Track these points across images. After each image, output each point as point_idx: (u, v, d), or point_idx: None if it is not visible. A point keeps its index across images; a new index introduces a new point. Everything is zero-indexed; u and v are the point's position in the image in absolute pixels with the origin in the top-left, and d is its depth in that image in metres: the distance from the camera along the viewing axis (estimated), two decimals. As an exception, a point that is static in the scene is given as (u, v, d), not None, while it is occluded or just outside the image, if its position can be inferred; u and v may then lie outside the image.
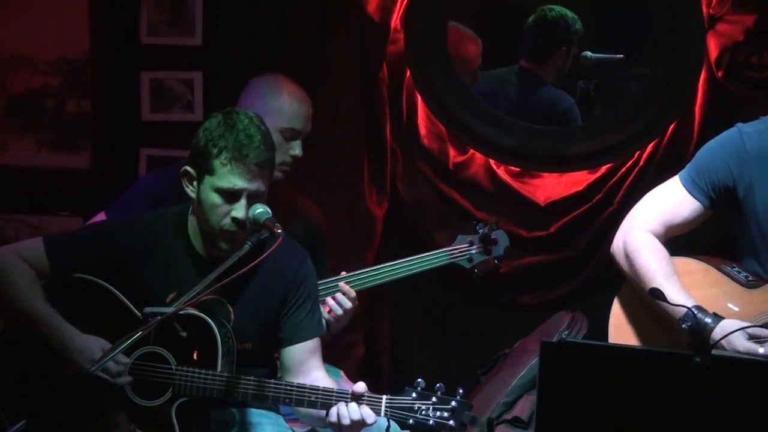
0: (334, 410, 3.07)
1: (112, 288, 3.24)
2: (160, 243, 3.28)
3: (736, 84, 4.59)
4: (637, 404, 2.68)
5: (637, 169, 4.70)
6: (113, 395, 3.16)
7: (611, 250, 3.42)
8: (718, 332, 3.10)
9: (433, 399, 3.03)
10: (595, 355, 2.81)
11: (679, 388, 2.65)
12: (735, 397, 2.61)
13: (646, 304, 3.32)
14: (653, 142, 4.70)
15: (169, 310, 3.10)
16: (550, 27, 4.98)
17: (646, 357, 2.80)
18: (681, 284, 3.23)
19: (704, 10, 4.60)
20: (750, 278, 3.29)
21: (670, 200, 3.38)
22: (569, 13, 4.98)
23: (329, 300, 3.70)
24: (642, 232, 3.35)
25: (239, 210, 3.14)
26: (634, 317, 3.38)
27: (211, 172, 3.15)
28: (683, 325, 3.15)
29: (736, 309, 3.22)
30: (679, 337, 3.18)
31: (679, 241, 3.41)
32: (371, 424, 3.07)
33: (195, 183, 3.21)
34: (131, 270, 3.25)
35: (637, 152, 4.71)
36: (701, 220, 3.37)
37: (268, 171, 3.20)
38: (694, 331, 3.13)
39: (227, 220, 3.16)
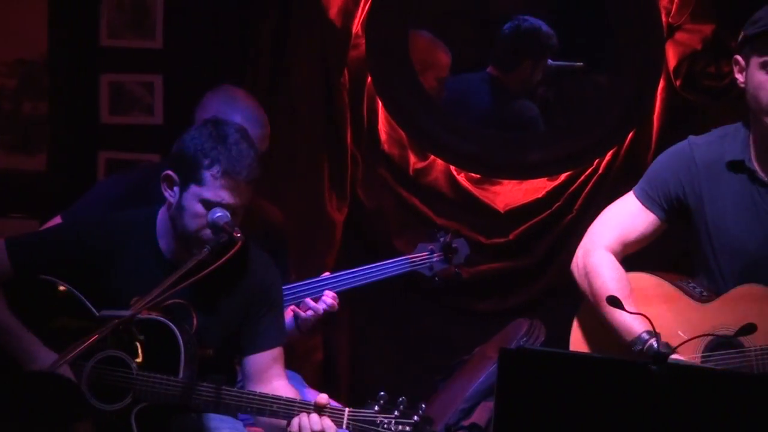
0: (295, 421, 3.06)
1: (74, 290, 3.22)
2: (126, 245, 3.26)
3: (694, 93, 4.63)
4: (594, 412, 2.68)
5: (596, 177, 4.73)
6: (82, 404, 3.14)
7: (571, 268, 3.43)
8: None
9: (396, 413, 3.02)
10: (554, 363, 2.80)
11: (635, 396, 2.65)
12: (691, 405, 2.61)
13: (603, 324, 3.32)
14: (612, 150, 4.72)
15: (127, 313, 3.05)
16: (520, 38, 4.99)
17: (604, 365, 2.80)
18: (633, 305, 3.19)
19: (663, 19, 4.63)
20: (704, 293, 3.30)
21: (626, 215, 3.38)
22: (545, 27, 4.99)
23: (308, 301, 3.71)
24: (601, 251, 3.34)
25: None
26: (591, 337, 3.40)
27: (199, 181, 3.13)
28: (635, 348, 3.17)
29: (687, 326, 3.22)
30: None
31: (639, 259, 3.43)
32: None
33: (176, 188, 3.19)
34: (96, 272, 3.23)
35: (597, 160, 4.74)
36: (657, 234, 3.37)
37: (253, 189, 3.20)
38: (644, 358, 3.13)
39: (207, 231, 3.15)
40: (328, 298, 3.75)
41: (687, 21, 4.61)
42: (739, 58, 3.24)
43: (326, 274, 3.86)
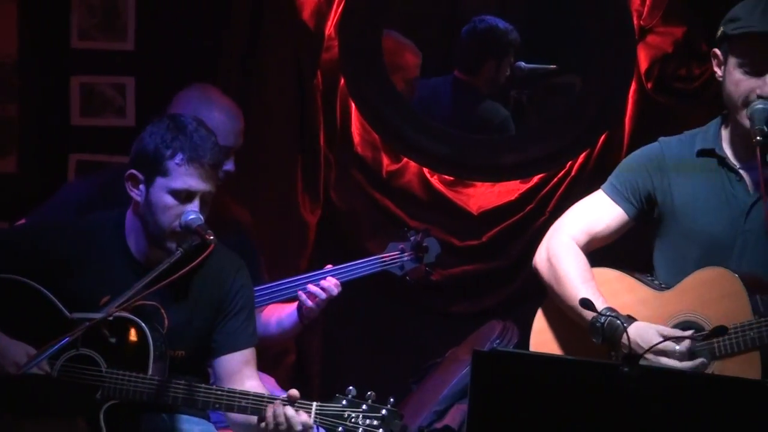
0: (269, 410, 3.06)
1: (43, 290, 3.20)
2: (95, 246, 3.26)
3: (665, 96, 4.65)
4: (567, 413, 2.68)
5: (568, 179, 4.74)
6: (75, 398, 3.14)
7: (533, 261, 3.43)
8: (631, 332, 3.12)
9: (364, 407, 3.03)
10: (526, 365, 2.81)
11: (608, 397, 2.66)
12: (661, 406, 2.63)
13: (566, 315, 3.33)
14: (584, 153, 4.74)
15: (99, 315, 3.07)
16: (480, 39, 5.00)
17: (577, 366, 2.81)
18: (596, 289, 3.25)
19: (635, 21, 4.65)
20: (662, 285, 3.33)
21: (593, 208, 3.40)
22: (502, 23, 5.01)
23: (310, 287, 3.72)
24: (565, 237, 3.37)
25: (194, 209, 3.16)
26: (555, 329, 3.40)
27: (164, 173, 3.15)
28: (596, 324, 3.18)
29: (648, 315, 3.25)
30: (593, 341, 3.20)
31: (602, 260, 3.45)
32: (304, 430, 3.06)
33: (142, 186, 3.20)
34: (65, 272, 3.23)
35: (569, 162, 4.75)
36: (623, 229, 3.38)
37: (218, 174, 3.23)
38: (606, 332, 3.15)
39: (178, 222, 3.16)
40: (332, 285, 3.74)
41: (658, 23, 4.63)
42: (717, 51, 3.25)
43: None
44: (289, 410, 3.04)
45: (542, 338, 3.42)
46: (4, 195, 4.69)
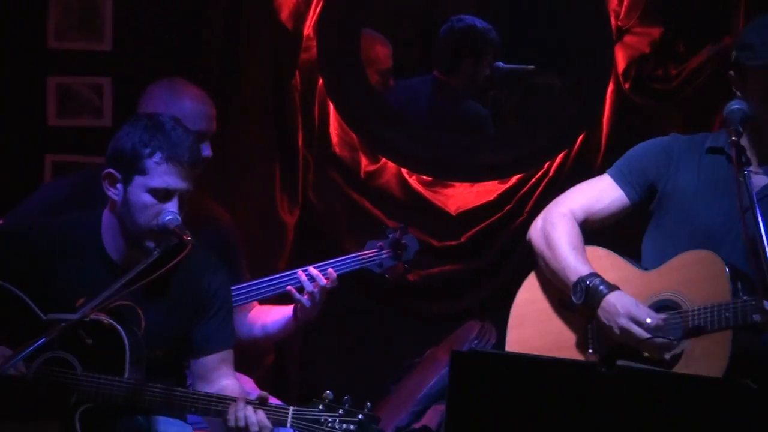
0: (231, 413, 3.05)
1: (17, 291, 3.19)
2: (70, 247, 3.25)
3: (642, 96, 4.66)
4: (545, 413, 2.69)
5: (546, 179, 4.74)
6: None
7: (528, 233, 3.47)
8: (611, 298, 3.19)
9: (340, 411, 3.01)
10: (505, 365, 2.82)
11: (585, 396, 2.67)
12: (639, 405, 2.63)
13: (553, 288, 3.39)
14: (562, 153, 4.74)
15: (75, 316, 3.05)
16: (457, 38, 5.00)
17: (555, 366, 2.82)
18: (585, 257, 3.31)
19: (613, 22, 4.65)
20: (648, 267, 3.38)
21: (595, 188, 3.44)
22: (480, 23, 5.01)
23: (300, 274, 3.70)
24: (564, 209, 3.41)
25: (172, 209, 3.15)
26: (539, 303, 3.45)
27: (142, 172, 3.15)
28: (581, 284, 3.25)
29: (632, 291, 3.29)
30: (573, 300, 3.28)
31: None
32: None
33: (119, 185, 3.19)
34: (40, 273, 3.21)
35: (547, 163, 4.76)
36: (620, 214, 3.41)
37: (196, 172, 3.22)
38: (588, 293, 3.23)
39: (157, 220, 3.15)
40: (331, 275, 3.73)
41: (636, 24, 4.64)
42: (732, 75, 3.28)
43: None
44: (249, 410, 3.04)
45: (524, 310, 3.47)
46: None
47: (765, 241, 2.94)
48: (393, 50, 4.93)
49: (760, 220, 2.98)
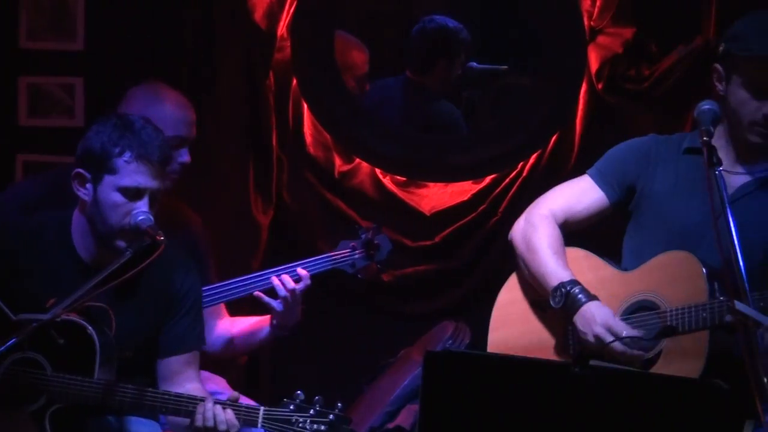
0: (199, 413, 3.05)
1: None
2: (40, 247, 3.24)
3: (615, 96, 4.67)
4: (518, 413, 2.69)
5: (520, 179, 4.75)
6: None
7: (510, 233, 3.47)
8: (589, 307, 3.21)
9: (311, 412, 3.02)
10: (479, 365, 2.82)
11: (558, 396, 2.67)
12: (611, 405, 2.64)
13: (535, 289, 3.39)
14: (536, 153, 4.75)
15: (45, 316, 3.04)
16: (429, 39, 5.01)
17: (528, 366, 2.82)
18: (565, 261, 3.32)
19: (585, 22, 4.66)
20: (627, 268, 3.39)
21: (575, 189, 3.45)
22: (452, 23, 5.01)
23: (273, 279, 3.67)
24: (545, 210, 3.42)
25: (142, 209, 3.15)
26: (520, 303, 3.45)
27: (112, 171, 3.14)
28: (560, 289, 3.26)
29: (610, 292, 3.31)
30: (552, 304, 3.29)
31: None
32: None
33: (89, 185, 3.17)
34: (9, 273, 3.20)
35: (521, 163, 4.76)
36: (600, 214, 3.42)
37: (166, 172, 3.23)
38: (567, 300, 3.25)
39: (128, 220, 3.14)
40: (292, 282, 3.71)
41: (608, 24, 4.65)
42: (719, 67, 3.28)
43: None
44: (217, 409, 3.04)
45: (506, 311, 3.46)
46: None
47: (736, 243, 2.95)
48: (369, 54, 4.92)
49: (731, 221, 2.98)
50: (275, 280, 3.68)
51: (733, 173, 3.30)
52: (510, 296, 3.47)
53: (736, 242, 2.94)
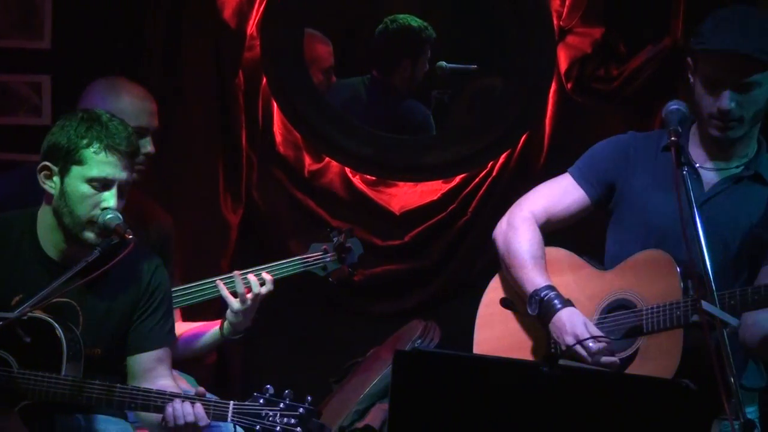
0: (168, 409, 3.05)
1: None
2: (6, 245, 3.22)
3: (584, 96, 4.68)
4: (488, 411, 2.70)
5: (490, 179, 4.75)
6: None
7: (494, 233, 3.51)
8: (563, 314, 3.25)
9: (281, 405, 3.05)
10: (448, 364, 2.82)
11: (528, 396, 2.68)
12: (580, 404, 2.65)
13: (515, 290, 3.43)
14: (506, 153, 4.76)
15: (12, 315, 3.03)
16: (393, 39, 5.01)
17: (497, 366, 2.83)
18: (545, 268, 3.36)
19: (555, 22, 4.67)
20: (606, 267, 3.43)
21: (556, 188, 3.49)
22: (415, 22, 5.01)
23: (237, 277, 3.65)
24: (526, 212, 3.46)
25: (110, 199, 3.14)
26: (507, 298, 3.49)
27: (80, 162, 3.13)
28: (536, 297, 3.30)
29: (588, 291, 3.36)
30: (529, 311, 3.33)
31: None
32: (203, 426, 3.06)
33: (56, 178, 3.16)
34: None
35: (491, 162, 4.77)
36: (581, 212, 3.47)
37: (134, 162, 3.22)
38: (542, 307, 3.29)
39: (96, 211, 3.13)
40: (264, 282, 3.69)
41: (578, 24, 4.66)
42: (690, 61, 3.33)
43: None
44: (186, 405, 3.05)
45: (490, 310, 3.50)
46: None
47: (703, 244, 2.96)
48: (333, 48, 4.91)
49: (698, 222, 3.00)
50: (238, 277, 3.65)
51: (708, 170, 3.36)
52: (494, 296, 3.51)
53: (703, 243, 2.96)
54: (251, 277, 3.67)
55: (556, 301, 3.28)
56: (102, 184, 3.13)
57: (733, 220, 3.27)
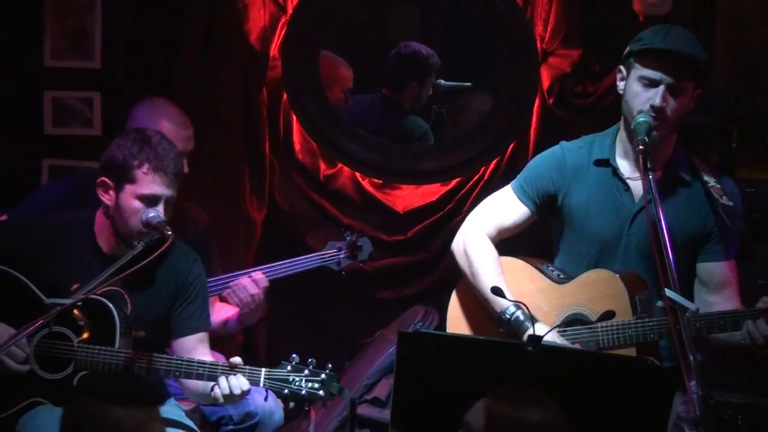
0: (223, 380, 3.08)
1: (23, 278, 3.18)
2: (66, 240, 3.25)
3: (564, 110, 4.67)
4: (479, 384, 2.68)
5: (482, 182, 4.75)
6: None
7: (452, 248, 3.46)
8: (527, 334, 3.16)
9: (306, 372, 3.07)
10: (445, 344, 2.82)
11: (514, 371, 2.67)
12: (560, 380, 2.65)
13: (477, 299, 3.37)
14: (495, 160, 4.76)
15: (69, 301, 3.05)
16: (404, 63, 5.00)
17: (487, 345, 2.83)
18: (505, 284, 3.28)
19: (538, 45, 4.68)
20: (561, 275, 3.37)
21: (503, 206, 3.43)
22: (424, 49, 5.02)
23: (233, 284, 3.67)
24: (480, 235, 3.39)
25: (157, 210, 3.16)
26: (468, 309, 3.43)
27: (132, 181, 3.16)
28: (504, 316, 3.22)
29: (547, 303, 3.30)
30: (499, 329, 3.26)
31: (512, 245, 3.48)
32: (247, 391, 3.08)
33: (112, 192, 3.19)
34: (41, 263, 3.21)
35: (482, 168, 4.78)
36: (528, 224, 3.42)
37: (180, 180, 3.24)
38: (511, 326, 3.21)
39: (142, 219, 3.16)
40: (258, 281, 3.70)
41: (558, 47, 4.66)
42: (622, 68, 3.29)
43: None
44: (240, 377, 3.07)
45: (457, 324, 3.45)
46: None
47: (666, 237, 2.96)
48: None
49: (662, 220, 2.99)
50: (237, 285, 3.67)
51: (635, 180, 3.28)
52: (456, 312, 3.46)
53: (666, 237, 2.96)
54: (244, 281, 3.66)
55: (523, 318, 3.18)
56: (151, 201, 3.16)
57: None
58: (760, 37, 4.68)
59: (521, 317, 3.20)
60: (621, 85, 3.28)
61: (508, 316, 3.22)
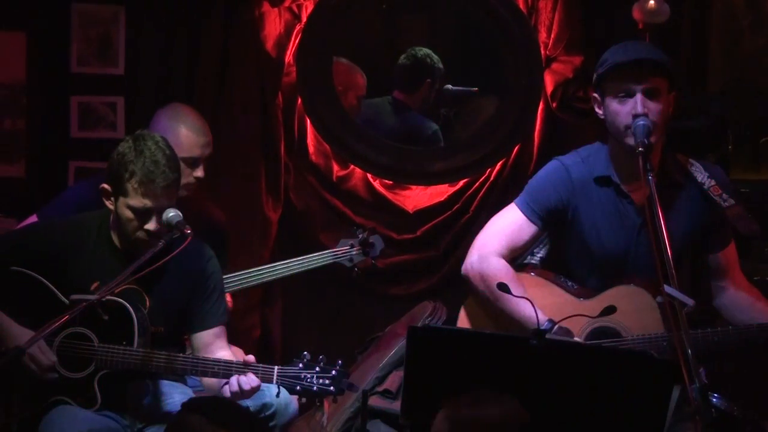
0: (233, 379, 3.05)
1: (43, 279, 3.18)
2: (85, 240, 3.24)
3: (566, 114, 4.67)
4: (486, 377, 2.70)
5: (488, 183, 4.75)
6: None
7: (464, 271, 3.37)
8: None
9: (317, 369, 3.05)
10: (453, 338, 2.83)
11: (519, 364, 2.67)
12: (564, 371, 2.65)
13: (490, 314, 3.33)
14: (501, 161, 4.75)
15: (93, 297, 3.05)
16: (419, 63, 5.00)
17: (493, 340, 2.83)
18: (533, 304, 3.13)
19: (542, 52, 4.67)
20: (575, 286, 3.32)
21: (512, 227, 3.35)
22: (434, 54, 5.03)
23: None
24: (495, 258, 3.31)
25: (151, 224, 3.13)
26: (478, 326, 3.39)
27: (124, 193, 3.12)
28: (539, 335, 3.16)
29: (570, 319, 3.19)
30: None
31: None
32: (256, 387, 3.06)
33: (112, 198, 3.18)
34: (60, 263, 3.20)
35: (489, 169, 4.76)
36: (538, 238, 3.38)
37: (175, 189, 3.17)
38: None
39: (141, 233, 3.14)
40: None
41: (561, 53, 4.65)
42: (595, 95, 3.26)
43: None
44: (250, 375, 3.05)
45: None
46: (14, 196, 4.63)
47: (665, 236, 2.94)
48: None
49: (661, 219, 2.98)
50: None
51: (636, 190, 3.25)
52: (470, 316, 3.40)
53: (665, 235, 2.94)
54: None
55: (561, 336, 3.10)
56: (141, 212, 3.12)
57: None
58: (753, 46, 4.68)
59: (559, 332, 3.13)
60: (599, 111, 3.25)
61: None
